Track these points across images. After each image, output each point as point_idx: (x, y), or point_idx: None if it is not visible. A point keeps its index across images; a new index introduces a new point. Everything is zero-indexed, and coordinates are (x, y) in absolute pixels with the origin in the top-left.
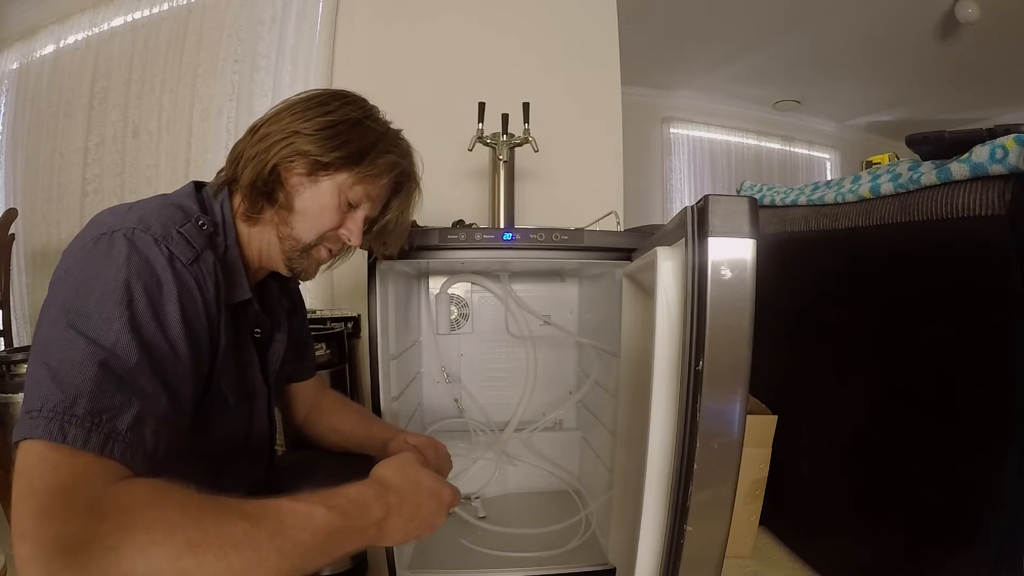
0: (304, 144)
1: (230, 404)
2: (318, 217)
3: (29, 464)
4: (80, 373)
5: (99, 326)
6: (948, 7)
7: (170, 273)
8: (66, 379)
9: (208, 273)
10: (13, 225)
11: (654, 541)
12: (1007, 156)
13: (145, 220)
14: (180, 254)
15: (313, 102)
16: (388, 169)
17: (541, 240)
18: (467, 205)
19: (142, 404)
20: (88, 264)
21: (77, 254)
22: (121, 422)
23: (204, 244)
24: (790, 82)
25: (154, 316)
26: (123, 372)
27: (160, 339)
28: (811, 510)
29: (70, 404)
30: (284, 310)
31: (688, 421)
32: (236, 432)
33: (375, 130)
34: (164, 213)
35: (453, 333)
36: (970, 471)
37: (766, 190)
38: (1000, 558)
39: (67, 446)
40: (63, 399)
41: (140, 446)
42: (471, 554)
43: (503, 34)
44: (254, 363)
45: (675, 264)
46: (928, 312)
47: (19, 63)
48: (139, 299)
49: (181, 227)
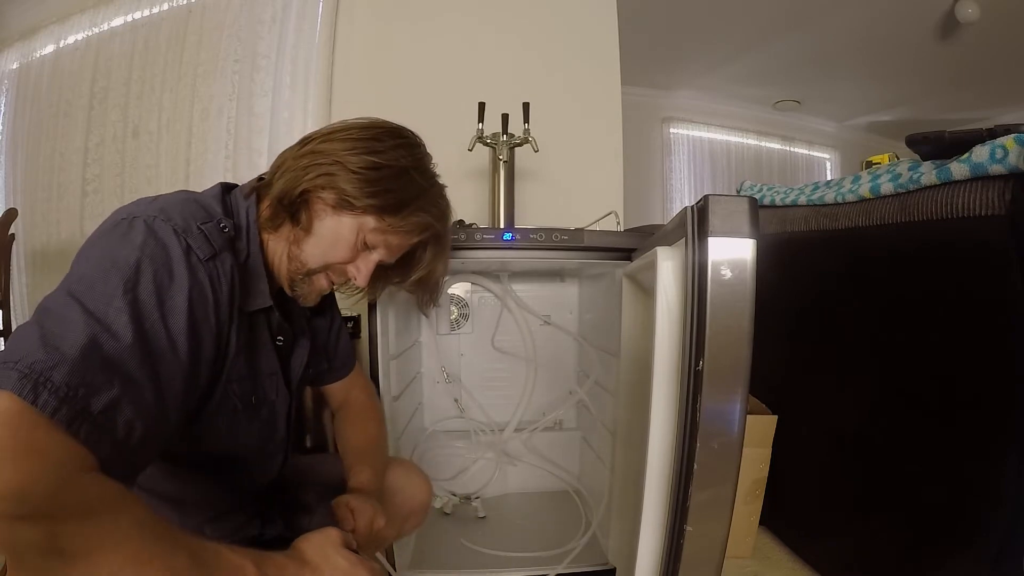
0: (343, 180)
1: (239, 411)
2: (330, 248)
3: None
4: (68, 340)
5: (99, 300)
6: (948, 7)
7: (184, 265)
8: (52, 342)
9: (224, 274)
10: (13, 225)
11: (654, 541)
12: (1007, 156)
13: (167, 211)
14: (198, 248)
15: (367, 133)
16: (418, 229)
17: (541, 240)
18: (467, 205)
19: (123, 389)
20: (104, 244)
21: (96, 237)
22: (96, 402)
23: (223, 245)
24: (790, 82)
25: (158, 304)
26: (112, 352)
27: (159, 328)
28: (811, 510)
29: (50, 367)
30: (306, 317)
31: (688, 421)
32: (249, 438)
33: (418, 184)
34: (187, 208)
35: (453, 333)
36: (970, 471)
37: (766, 190)
38: (1000, 558)
39: (34, 409)
40: (44, 360)
41: (109, 431)
42: (471, 554)
43: (503, 34)
44: (276, 372)
45: (675, 264)
46: (928, 312)
47: (19, 63)
48: (146, 283)
49: (203, 224)
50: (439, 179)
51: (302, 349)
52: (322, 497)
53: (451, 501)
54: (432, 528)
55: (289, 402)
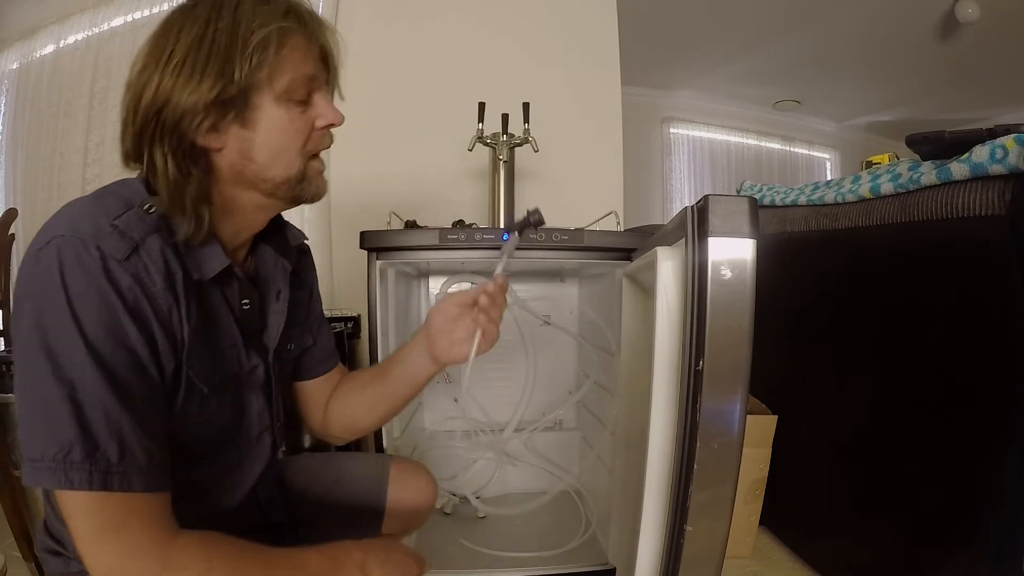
0: (190, 94)
1: (206, 395)
2: (285, 143)
3: (68, 511)
4: (64, 419)
5: (63, 362)
6: (948, 7)
7: (104, 278)
8: (54, 427)
9: (152, 262)
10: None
11: (654, 541)
12: (1007, 156)
13: (75, 222)
14: (112, 251)
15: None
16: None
17: (541, 240)
18: (467, 205)
19: (122, 427)
20: (33, 287)
21: (24, 276)
22: (112, 454)
23: (147, 230)
24: (790, 82)
25: (107, 331)
26: (97, 402)
27: (119, 352)
28: (811, 510)
29: (66, 452)
30: (284, 275)
31: (688, 421)
32: (223, 421)
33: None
34: (99, 206)
35: None
36: (970, 471)
37: (766, 190)
38: (1000, 558)
39: (77, 489)
40: (59, 450)
41: (134, 468)
42: (471, 554)
43: (503, 34)
44: (237, 343)
45: (675, 264)
46: (928, 312)
47: (19, 63)
48: (86, 318)
49: (117, 218)
50: None
51: (277, 313)
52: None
53: (451, 501)
54: (432, 528)
55: (265, 372)
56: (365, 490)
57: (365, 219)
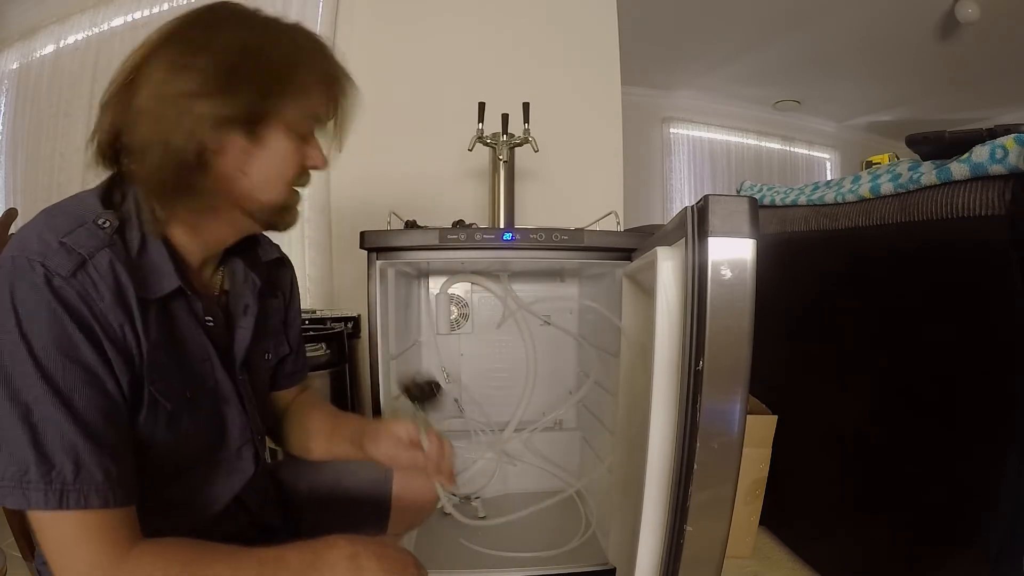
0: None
1: (172, 410)
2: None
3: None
4: (19, 440)
5: (17, 384)
6: (948, 7)
7: (50, 295)
8: (12, 448)
9: (101, 277)
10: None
11: (654, 541)
12: (1007, 156)
13: (24, 241)
14: (57, 268)
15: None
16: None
17: (541, 240)
18: (467, 205)
19: (77, 445)
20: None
21: None
22: (67, 473)
23: (97, 246)
24: (790, 82)
25: (58, 350)
26: (50, 422)
27: (72, 370)
28: (811, 510)
29: (23, 473)
30: (253, 290)
31: (688, 421)
32: (199, 436)
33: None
34: (49, 223)
35: (453, 333)
36: (970, 471)
37: (766, 190)
38: (1000, 558)
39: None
40: (16, 470)
41: (91, 485)
42: (471, 554)
43: (503, 34)
44: (209, 356)
45: (675, 264)
46: (928, 312)
47: (19, 63)
48: (36, 338)
49: (66, 235)
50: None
51: (244, 328)
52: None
53: (451, 501)
54: (432, 528)
55: (236, 387)
56: (368, 488)
57: (365, 219)
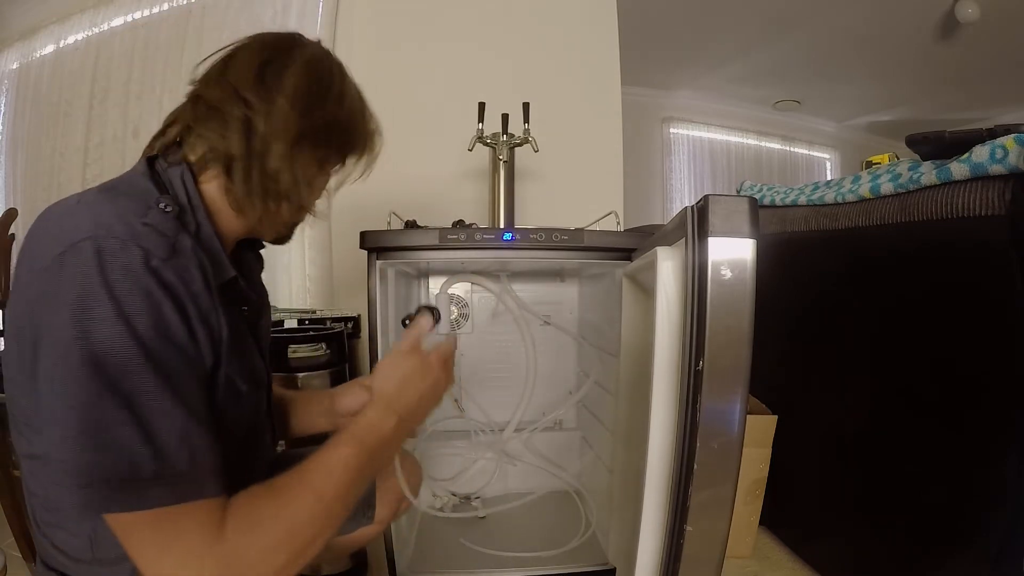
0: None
1: (243, 393)
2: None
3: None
4: (127, 435)
5: (116, 372)
6: (948, 7)
7: (149, 277)
8: (116, 445)
9: (189, 260)
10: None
11: (654, 541)
12: (1007, 156)
13: (102, 221)
14: (155, 250)
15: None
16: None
17: (541, 240)
18: (467, 205)
19: (190, 433)
20: (64, 295)
21: (44, 285)
22: (182, 464)
23: (175, 228)
24: (790, 82)
25: (158, 332)
26: (160, 411)
27: (174, 354)
28: (811, 510)
29: (135, 470)
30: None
31: (688, 421)
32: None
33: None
34: (119, 205)
35: (453, 333)
36: (970, 471)
37: (766, 190)
38: (1000, 558)
39: (148, 509)
40: (127, 469)
41: (206, 471)
42: (471, 554)
43: (503, 34)
44: (250, 342)
45: (675, 264)
46: (928, 312)
47: (19, 63)
48: (137, 322)
49: (144, 218)
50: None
51: (266, 312)
52: None
53: (451, 501)
54: (432, 528)
55: (267, 371)
56: None
57: (365, 219)
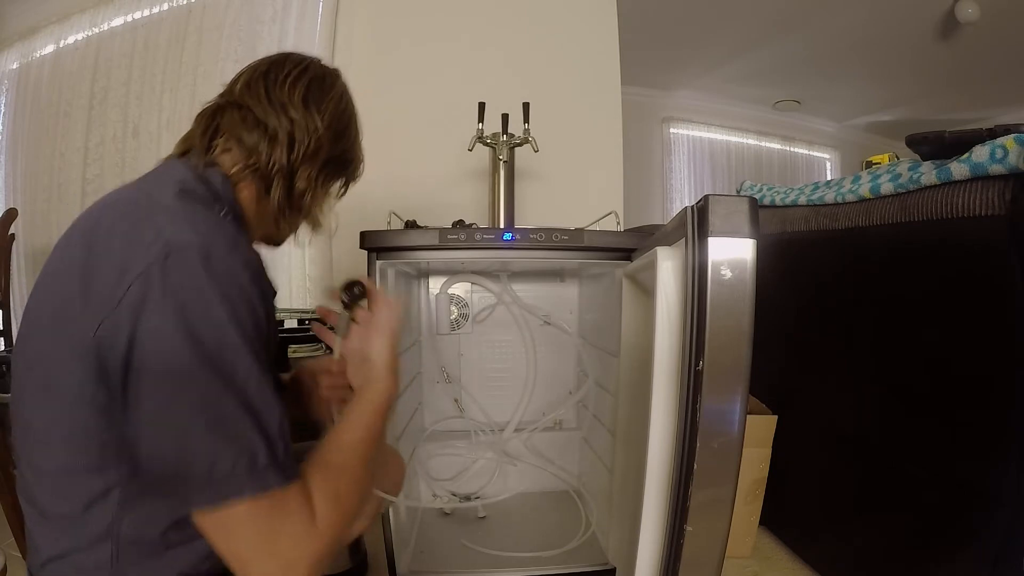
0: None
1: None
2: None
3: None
4: (244, 426)
5: (230, 369)
6: (948, 7)
7: (247, 278)
8: (237, 436)
9: (255, 257)
10: (13, 225)
11: (654, 541)
12: (1007, 156)
13: (199, 228)
14: (244, 250)
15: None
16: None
17: (541, 240)
18: (467, 205)
19: (283, 422)
20: (174, 298)
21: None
22: (281, 450)
23: (238, 228)
24: (790, 82)
25: (254, 328)
26: (266, 403)
27: (262, 347)
28: (811, 510)
29: (253, 459)
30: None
31: (688, 421)
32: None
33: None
34: (199, 211)
35: (453, 333)
36: (970, 471)
37: (766, 190)
38: (1000, 558)
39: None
40: (247, 460)
41: (290, 456)
42: (471, 554)
43: (503, 34)
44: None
45: (675, 264)
46: (928, 312)
47: (19, 63)
48: (241, 318)
49: (222, 223)
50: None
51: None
52: None
53: (451, 501)
54: (432, 528)
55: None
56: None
57: (365, 219)
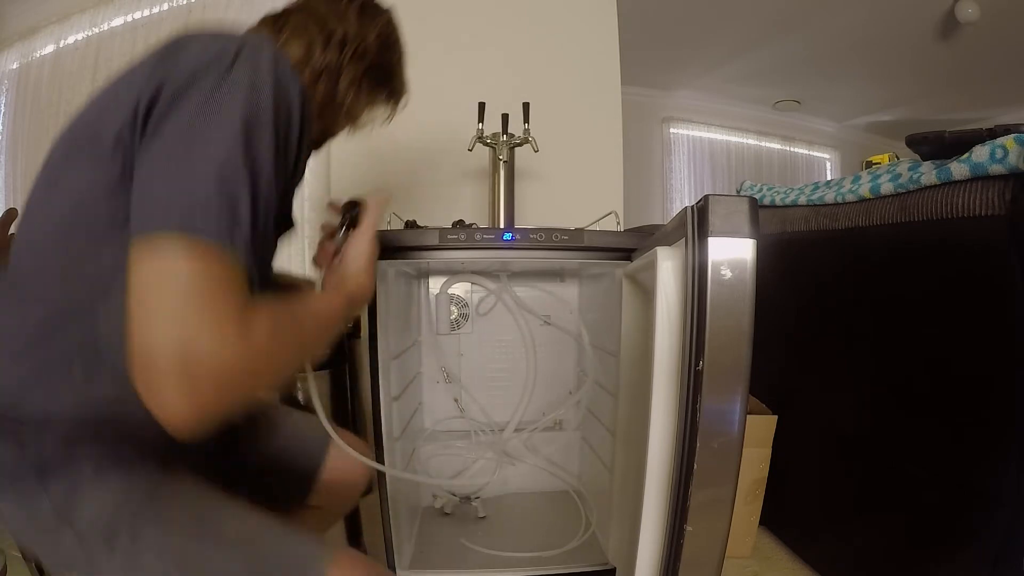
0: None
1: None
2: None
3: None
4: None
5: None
6: (948, 7)
7: (300, 94)
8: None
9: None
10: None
11: (654, 541)
12: (1007, 156)
13: (275, 49)
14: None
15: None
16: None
17: (541, 240)
18: (467, 205)
19: (267, 208)
20: (244, 69)
21: (223, 61)
22: (255, 231)
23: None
24: (790, 82)
25: (288, 129)
26: (264, 187)
27: (289, 149)
28: (811, 510)
29: (233, 216)
30: None
31: (688, 421)
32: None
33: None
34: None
35: (453, 333)
36: (970, 471)
37: (766, 190)
38: (1000, 558)
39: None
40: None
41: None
42: (471, 554)
43: (503, 34)
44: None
45: (675, 264)
46: (928, 312)
47: (19, 63)
48: (282, 110)
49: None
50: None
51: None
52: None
53: (451, 501)
54: (432, 528)
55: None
56: (301, 447)
57: None
